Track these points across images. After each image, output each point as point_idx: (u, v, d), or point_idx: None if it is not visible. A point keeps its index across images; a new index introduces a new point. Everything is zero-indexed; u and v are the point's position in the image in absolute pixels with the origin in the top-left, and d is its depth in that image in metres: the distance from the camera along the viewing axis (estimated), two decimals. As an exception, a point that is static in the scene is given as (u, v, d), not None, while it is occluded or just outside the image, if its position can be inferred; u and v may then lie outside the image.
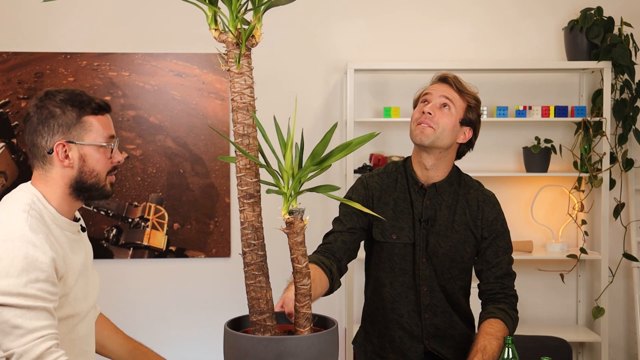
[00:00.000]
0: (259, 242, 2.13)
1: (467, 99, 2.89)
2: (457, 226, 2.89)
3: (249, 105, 2.12)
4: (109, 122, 2.39)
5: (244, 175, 2.12)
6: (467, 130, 2.92)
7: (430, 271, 2.90)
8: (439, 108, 2.86)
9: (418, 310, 2.92)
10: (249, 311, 2.16)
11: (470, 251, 2.92)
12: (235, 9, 2.08)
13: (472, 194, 2.95)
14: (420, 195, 2.92)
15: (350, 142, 2.11)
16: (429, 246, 2.88)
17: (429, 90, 2.93)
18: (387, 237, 2.93)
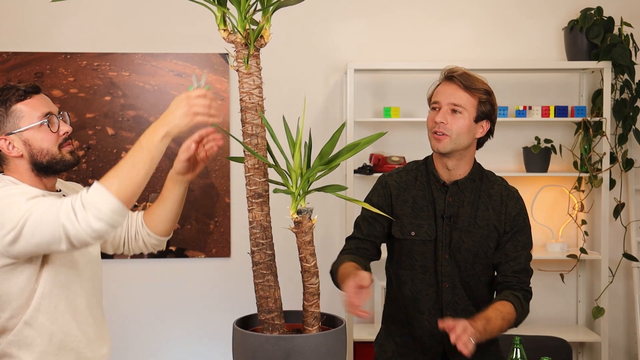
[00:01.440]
0: (268, 241, 2.14)
1: (477, 95, 2.86)
2: (479, 222, 2.89)
3: (257, 106, 2.13)
4: (40, 101, 2.43)
5: (252, 175, 2.13)
6: (484, 124, 2.90)
7: (452, 267, 2.89)
8: (451, 114, 2.85)
9: (439, 308, 2.91)
10: (258, 310, 2.17)
11: (494, 246, 2.91)
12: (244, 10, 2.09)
13: (496, 189, 2.95)
14: (442, 193, 2.92)
15: (358, 142, 2.12)
16: (452, 242, 2.88)
17: (438, 98, 2.90)
18: (406, 234, 2.93)
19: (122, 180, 2.15)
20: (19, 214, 2.17)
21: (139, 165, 2.16)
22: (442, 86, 2.93)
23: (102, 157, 4.85)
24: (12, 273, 2.29)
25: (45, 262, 2.34)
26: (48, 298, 2.35)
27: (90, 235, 2.14)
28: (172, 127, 2.16)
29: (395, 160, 4.78)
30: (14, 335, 2.35)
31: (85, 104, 4.82)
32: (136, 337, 5.01)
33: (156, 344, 5.02)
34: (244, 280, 4.77)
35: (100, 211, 2.12)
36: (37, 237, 2.16)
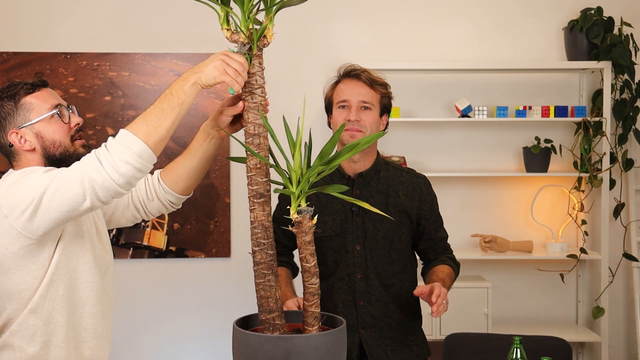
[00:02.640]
0: (269, 241, 2.14)
1: (380, 90, 2.99)
2: (391, 209, 2.98)
3: (259, 105, 2.13)
4: (49, 94, 2.44)
5: (254, 175, 2.13)
6: (384, 118, 3.04)
7: (364, 258, 2.97)
8: (362, 111, 2.95)
9: (353, 300, 2.97)
10: (258, 310, 2.17)
11: (406, 231, 3.02)
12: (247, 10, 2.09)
13: (405, 177, 3.08)
14: (348, 186, 2.97)
15: (358, 142, 2.12)
16: (368, 232, 2.96)
17: (345, 97, 2.99)
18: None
19: (150, 124, 2.14)
20: (36, 186, 2.17)
21: (168, 110, 2.14)
22: (345, 84, 3.02)
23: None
24: (27, 259, 2.27)
25: (57, 250, 2.32)
26: (55, 286, 2.33)
27: (117, 182, 2.11)
28: (201, 76, 2.14)
29: (395, 160, 4.78)
30: (18, 325, 2.33)
31: (85, 104, 4.82)
32: (136, 337, 5.01)
33: (156, 343, 5.02)
34: (244, 280, 4.78)
35: (127, 154, 2.10)
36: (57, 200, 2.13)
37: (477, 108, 4.78)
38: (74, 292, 2.39)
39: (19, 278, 2.29)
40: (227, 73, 2.10)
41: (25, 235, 2.21)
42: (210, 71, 2.13)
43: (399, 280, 3.01)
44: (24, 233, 2.21)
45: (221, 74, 2.12)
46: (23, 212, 2.17)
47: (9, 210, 2.20)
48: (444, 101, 5.01)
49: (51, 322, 2.34)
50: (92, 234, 2.46)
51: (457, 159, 5.04)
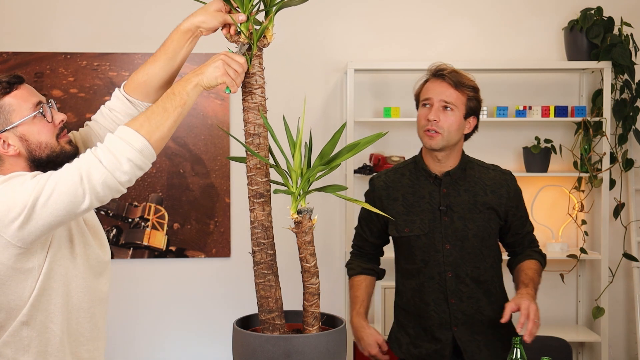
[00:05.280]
0: (269, 241, 2.14)
1: (466, 92, 2.97)
2: (480, 206, 3.00)
3: (259, 105, 2.13)
4: (28, 91, 2.29)
5: (254, 175, 2.13)
6: (472, 120, 3.03)
7: (455, 257, 2.98)
8: (442, 111, 2.95)
9: (444, 298, 2.99)
10: (258, 310, 2.17)
11: (495, 227, 3.04)
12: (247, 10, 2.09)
13: (492, 174, 3.09)
14: (436, 186, 3.02)
15: (358, 142, 2.12)
16: (458, 231, 2.97)
17: (429, 95, 3.00)
18: (401, 232, 3.04)
19: (152, 122, 2.11)
20: (27, 192, 2.07)
21: (170, 110, 2.12)
22: (431, 83, 3.02)
23: (102, 157, 4.85)
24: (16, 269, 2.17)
25: (47, 258, 2.22)
26: (47, 295, 2.24)
27: (119, 179, 2.07)
28: (203, 78, 2.13)
29: (396, 160, 4.78)
30: (10, 336, 2.24)
31: (85, 104, 4.82)
32: (136, 337, 5.01)
33: (156, 343, 5.02)
34: (244, 280, 4.78)
35: (129, 151, 2.07)
36: (52, 205, 2.07)
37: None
38: (68, 299, 2.30)
39: (8, 288, 2.20)
40: (228, 74, 2.11)
41: (14, 244, 2.12)
42: (212, 72, 2.12)
43: (489, 276, 3.04)
44: (13, 242, 2.12)
45: (222, 74, 2.11)
46: (13, 220, 2.08)
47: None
48: (444, 101, 5.01)
49: (46, 332, 2.26)
50: (85, 234, 2.37)
51: (457, 159, 5.03)
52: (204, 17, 2.27)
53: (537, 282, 3.01)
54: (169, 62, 2.39)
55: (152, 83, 2.43)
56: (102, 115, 2.52)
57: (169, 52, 2.37)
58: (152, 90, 2.45)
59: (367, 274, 3.20)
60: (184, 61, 2.42)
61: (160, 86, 2.44)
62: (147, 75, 2.42)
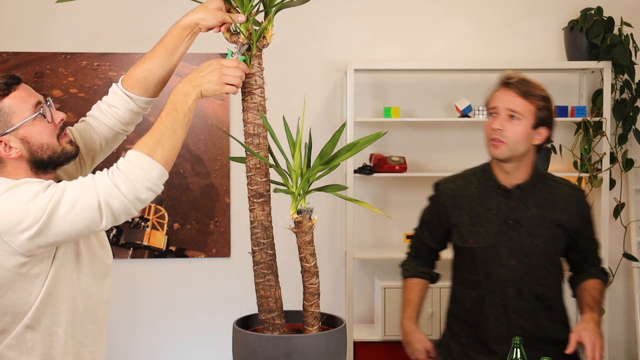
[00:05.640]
0: (269, 241, 2.14)
1: (535, 101, 2.86)
2: (548, 223, 2.90)
3: (259, 106, 2.13)
4: (26, 92, 2.23)
5: (254, 175, 2.13)
6: (542, 130, 2.90)
7: (519, 272, 2.90)
8: (508, 120, 2.85)
9: (505, 312, 2.91)
10: (258, 309, 2.17)
11: (562, 245, 2.95)
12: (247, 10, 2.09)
13: (563, 189, 2.98)
14: (504, 198, 2.93)
15: (357, 141, 2.12)
16: (525, 247, 2.89)
17: (495, 103, 2.90)
18: (466, 242, 2.97)
19: (165, 146, 2.11)
20: (41, 204, 2.05)
21: (179, 130, 2.14)
22: (499, 92, 2.92)
23: (102, 157, 4.85)
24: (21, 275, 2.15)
25: (53, 263, 2.20)
26: (53, 299, 2.22)
27: (137, 207, 2.09)
28: (201, 91, 2.15)
29: (395, 160, 4.78)
30: (14, 339, 2.22)
31: (85, 104, 4.82)
32: (136, 337, 5.01)
33: (156, 344, 5.03)
34: (244, 280, 4.75)
35: (149, 181, 2.08)
36: (69, 224, 2.06)
37: (477, 108, 4.78)
38: (73, 303, 2.28)
39: (14, 293, 2.18)
40: (228, 83, 2.12)
41: (21, 253, 2.10)
42: (209, 85, 2.14)
43: (552, 293, 2.97)
44: (20, 251, 2.10)
45: (221, 87, 2.13)
46: (24, 230, 2.06)
47: (4, 227, 2.07)
48: (444, 101, 5.01)
49: (50, 335, 2.25)
50: (89, 238, 2.35)
51: (457, 159, 5.03)
52: (203, 15, 2.27)
53: (601, 303, 2.93)
54: (168, 58, 2.40)
55: (151, 79, 2.44)
56: (100, 112, 2.51)
57: (168, 48, 2.38)
58: (151, 86, 2.46)
59: (421, 277, 3.14)
60: (181, 57, 2.43)
61: (159, 81, 2.45)
62: (147, 71, 2.42)
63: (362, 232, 5.06)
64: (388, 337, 4.69)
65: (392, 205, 5.05)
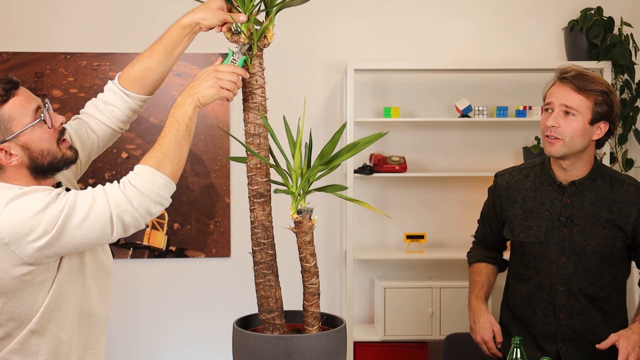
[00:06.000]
0: (269, 241, 2.14)
1: (593, 96, 2.75)
2: (603, 222, 2.81)
3: (260, 106, 2.13)
4: (25, 97, 2.19)
5: (254, 175, 2.13)
6: (602, 125, 2.80)
7: (569, 271, 2.83)
8: (563, 116, 2.77)
9: (553, 310, 2.87)
10: (258, 310, 2.17)
11: (620, 246, 2.83)
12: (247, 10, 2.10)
13: (625, 188, 2.85)
14: (559, 194, 2.87)
15: (357, 142, 2.13)
16: (576, 245, 2.82)
17: (550, 99, 2.81)
18: (516, 236, 2.94)
19: (172, 160, 2.13)
20: (52, 214, 2.05)
21: (182, 142, 2.15)
22: (555, 87, 2.82)
23: (102, 156, 4.84)
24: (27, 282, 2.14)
25: (59, 270, 2.20)
26: (59, 305, 2.22)
27: (146, 220, 2.12)
28: (199, 99, 2.15)
29: (396, 160, 4.78)
30: (18, 344, 2.21)
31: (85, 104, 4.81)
32: (136, 337, 5.01)
33: (156, 344, 5.02)
34: (244, 280, 4.76)
35: (160, 196, 2.11)
36: (80, 237, 2.07)
37: (477, 108, 4.78)
38: (77, 308, 2.29)
39: (20, 300, 2.17)
40: (224, 88, 2.12)
41: (28, 262, 2.09)
42: (206, 91, 2.15)
43: (606, 294, 2.86)
44: (27, 260, 2.09)
45: (218, 91, 2.14)
46: (34, 241, 2.05)
47: (13, 237, 2.06)
48: (444, 101, 5.01)
49: (55, 340, 2.25)
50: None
51: (457, 159, 5.04)
52: (204, 14, 2.27)
53: None
54: (166, 56, 2.40)
55: (149, 77, 2.44)
56: (97, 110, 2.51)
57: (168, 46, 2.38)
58: (148, 84, 2.46)
59: (488, 262, 3.11)
60: (179, 56, 2.44)
61: (156, 79, 2.45)
62: (145, 69, 2.42)
63: (362, 232, 5.06)
64: (388, 337, 4.69)
65: (392, 205, 5.05)
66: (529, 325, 2.93)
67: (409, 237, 4.81)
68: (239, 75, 2.13)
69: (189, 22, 2.32)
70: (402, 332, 4.69)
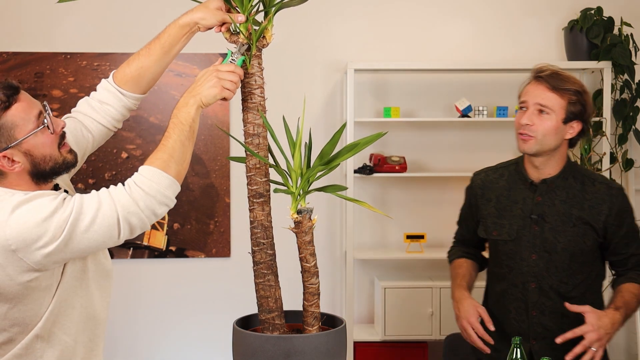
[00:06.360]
0: (269, 241, 2.14)
1: (567, 95, 2.80)
2: (574, 220, 2.84)
3: (259, 106, 2.13)
4: (26, 102, 2.16)
5: (253, 175, 2.13)
6: (575, 124, 2.84)
7: (540, 268, 2.86)
8: (537, 115, 2.81)
9: (525, 308, 2.89)
10: (258, 309, 2.17)
11: (591, 244, 2.86)
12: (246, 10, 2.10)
13: (597, 187, 2.88)
14: (531, 192, 2.90)
15: (357, 142, 2.13)
16: (547, 242, 2.85)
17: (525, 98, 2.86)
18: (489, 234, 2.98)
19: (177, 161, 2.13)
20: (59, 220, 2.04)
21: (186, 143, 2.15)
22: (530, 85, 2.87)
23: (102, 157, 4.85)
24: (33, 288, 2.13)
25: (63, 275, 2.19)
26: (64, 309, 2.22)
27: (152, 221, 2.12)
28: (201, 99, 2.15)
29: (395, 160, 4.78)
30: (22, 349, 2.20)
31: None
32: (136, 337, 5.01)
33: (156, 344, 5.02)
34: (244, 280, 4.75)
35: (165, 196, 2.11)
36: (86, 241, 2.07)
37: (477, 108, 4.78)
38: (81, 311, 2.29)
39: (25, 306, 2.16)
40: (226, 88, 2.12)
41: (35, 269, 2.08)
42: (208, 91, 2.15)
43: (579, 293, 2.87)
44: (35, 267, 2.08)
45: (220, 91, 2.14)
46: (42, 247, 2.04)
47: (20, 244, 2.04)
48: (444, 101, 5.01)
49: (59, 344, 2.25)
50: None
51: (457, 159, 5.04)
52: (203, 14, 2.27)
53: (633, 307, 2.82)
54: (163, 56, 2.41)
55: (145, 76, 2.44)
56: (91, 109, 2.51)
57: (165, 46, 2.39)
58: (144, 83, 2.47)
59: (468, 258, 3.13)
60: (175, 56, 2.44)
61: (152, 79, 2.46)
62: (141, 68, 2.43)
63: (362, 232, 5.06)
64: (388, 337, 4.69)
65: (392, 205, 5.05)
66: (504, 324, 2.94)
67: (409, 237, 4.81)
68: (238, 73, 2.14)
69: (188, 21, 2.32)
70: (402, 332, 4.69)
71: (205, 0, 2.28)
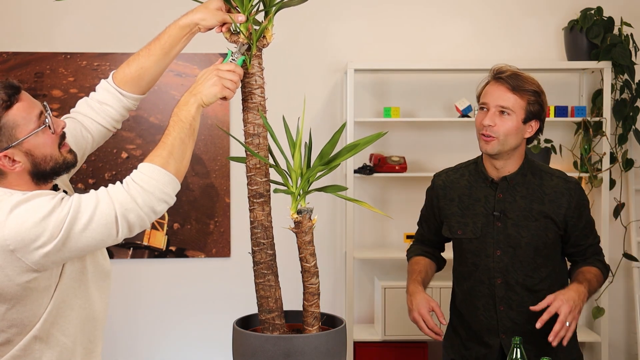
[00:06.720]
0: (269, 241, 2.14)
1: (526, 96, 2.85)
2: (536, 214, 2.89)
3: (259, 106, 2.13)
4: (27, 102, 2.16)
5: (253, 175, 2.13)
6: (533, 123, 2.90)
7: (505, 263, 2.90)
8: (498, 116, 2.86)
9: (493, 303, 2.92)
10: (258, 309, 2.18)
11: (553, 237, 2.91)
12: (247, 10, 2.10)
13: (555, 181, 2.94)
14: (492, 190, 2.95)
15: (358, 142, 2.13)
16: (511, 238, 2.89)
17: (486, 99, 2.91)
18: (454, 233, 3.01)
19: (177, 158, 2.13)
20: (57, 220, 2.03)
21: (187, 140, 2.16)
22: (490, 86, 2.92)
23: (102, 157, 4.85)
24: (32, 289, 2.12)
25: (62, 275, 2.18)
26: (62, 310, 2.22)
27: (151, 219, 2.11)
28: (202, 98, 2.15)
29: (395, 160, 4.78)
30: (20, 350, 2.19)
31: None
32: (136, 337, 5.01)
33: (156, 344, 5.02)
34: (244, 280, 4.76)
35: (164, 193, 2.10)
36: (85, 240, 2.06)
37: (477, 108, 4.78)
38: (80, 312, 2.28)
39: (24, 307, 2.15)
40: (226, 87, 2.12)
41: (34, 269, 2.07)
42: (209, 90, 2.15)
43: (546, 286, 2.90)
44: (33, 267, 2.07)
45: (221, 90, 2.14)
46: (40, 247, 2.03)
47: (19, 244, 2.03)
48: (444, 101, 5.01)
49: (57, 345, 2.24)
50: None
51: (457, 159, 5.01)
52: (203, 15, 2.27)
53: (595, 286, 2.89)
54: (163, 56, 2.41)
55: (145, 76, 2.44)
56: (91, 109, 2.50)
57: (165, 46, 2.39)
58: (144, 84, 2.47)
59: (425, 256, 3.15)
60: (175, 57, 2.44)
61: (152, 79, 2.46)
62: (141, 69, 2.43)
63: (362, 232, 5.06)
64: (388, 337, 4.69)
65: (392, 205, 5.05)
66: (472, 321, 2.99)
67: (409, 237, 4.81)
68: (239, 72, 2.14)
69: (188, 22, 2.32)
70: (402, 332, 4.69)
71: (206, 1, 2.28)
